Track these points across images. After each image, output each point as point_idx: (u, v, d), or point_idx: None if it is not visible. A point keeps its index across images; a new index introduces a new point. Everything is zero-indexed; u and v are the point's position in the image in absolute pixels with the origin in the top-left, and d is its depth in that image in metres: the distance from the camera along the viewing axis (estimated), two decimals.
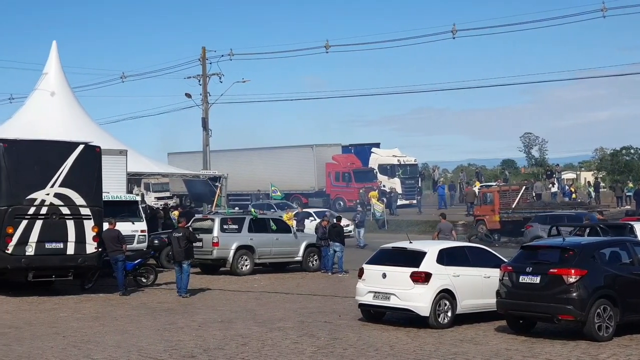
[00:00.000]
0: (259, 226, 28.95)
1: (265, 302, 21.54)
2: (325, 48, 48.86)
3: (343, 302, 20.97)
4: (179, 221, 25.41)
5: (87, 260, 22.47)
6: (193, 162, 53.25)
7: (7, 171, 21.61)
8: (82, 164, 22.56)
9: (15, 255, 21.52)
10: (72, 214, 22.25)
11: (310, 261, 29.78)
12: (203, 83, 49.96)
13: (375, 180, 55.88)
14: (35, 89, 38.77)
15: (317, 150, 57.84)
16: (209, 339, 15.77)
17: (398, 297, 17.20)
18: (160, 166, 42.76)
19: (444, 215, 30.75)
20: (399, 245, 18.97)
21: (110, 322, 18.10)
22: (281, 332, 16.55)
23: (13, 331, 16.66)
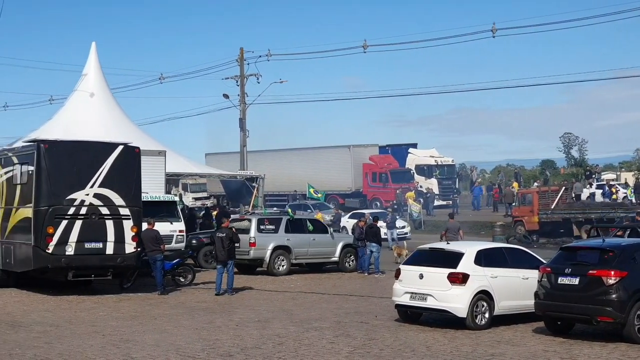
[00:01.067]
0: (295, 226, 29.02)
1: (301, 302, 21.58)
2: (363, 48, 48.84)
3: (380, 303, 20.95)
4: (222, 221, 25.49)
5: (126, 259, 22.66)
6: (230, 162, 53.53)
7: (47, 172, 21.87)
8: (122, 164, 22.75)
9: (55, 254, 21.76)
10: (112, 214, 22.45)
11: (347, 261, 29.77)
12: (241, 84, 50.20)
13: (412, 180, 55.70)
14: (75, 90, 39.19)
15: (354, 150, 57.78)
16: (246, 339, 15.85)
17: (435, 298, 17.14)
18: (198, 167, 43.01)
19: (452, 215, 32.75)
20: (436, 246, 18.93)
21: (149, 321, 18.26)
22: (317, 332, 16.57)
23: (54, 329, 16.86)
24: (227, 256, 23.17)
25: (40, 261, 21.81)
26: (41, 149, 21.93)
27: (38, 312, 19.52)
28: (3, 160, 23.98)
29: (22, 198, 22.52)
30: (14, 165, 23.14)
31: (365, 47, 48.69)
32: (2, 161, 23.99)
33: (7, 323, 17.58)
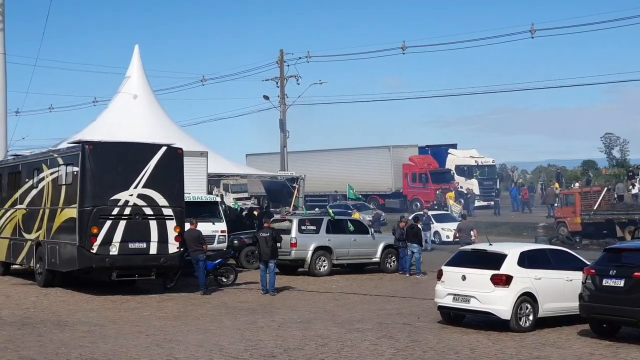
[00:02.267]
0: (336, 227, 29.03)
1: (343, 303, 21.57)
2: (402, 49, 48.71)
3: (422, 304, 20.87)
4: (265, 221, 25.63)
5: (169, 260, 22.83)
6: (271, 163, 53.73)
7: (92, 172, 22.11)
8: (165, 165, 22.93)
9: (99, 254, 21.99)
10: (155, 215, 22.63)
11: (388, 262, 29.71)
12: (281, 85, 50.36)
13: (452, 181, 55.43)
14: (119, 92, 39.60)
15: (394, 151, 57.67)
16: (289, 339, 15.88)
17: (478, 300, 17.04)
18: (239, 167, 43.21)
19: (465, 216, 34.60)
20: (479, 247, 18.82)
21: (192, 321, 18.37)
22: (360, 334, 16.55)
23: (98, 329, 17.03)
24: (270, 255, 23.38)
25: (84, 261, 22.06)
26: (86, 150, 22.18)
27: (83, 311, 19.74)
28: (48, 162, 24.32)
29: (67, 198, 22.80)
30: (59, 166, 23.45)
31: (404, 48, 48.56)
32: (48, 162, 24.33)
33: (53, 322, 17.81)
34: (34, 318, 18.43)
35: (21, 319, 18.31)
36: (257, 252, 24.33)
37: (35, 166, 25.14)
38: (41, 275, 24.12)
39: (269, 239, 23.39)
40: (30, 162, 25.91)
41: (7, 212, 26.91)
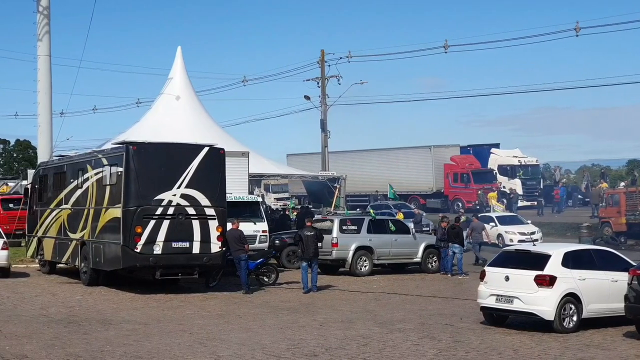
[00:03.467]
0: (377, 227, 28.99)
1: (384, 303, 21.54)
2: (444, 48, 48.56)
3: (464, 305, 20.76)
4: (307, 220, 25.71)
5: (211, 259, 22.99)
6: (312, 163, 53.80)
7: (136, 173, 22.34)
8: (207, 165, 23.09)
9: (143, 253, 22.20)
10: (198, 214, 22.79)
11: (429, 262, 29.60)
12: (322, 85, 50.42)
13: (494, 181, 54.94)
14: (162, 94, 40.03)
15: (435, 151, 57.38)
16: (330, 339, 15.88)
17: (521, 301, 16.90)
18: (280, 167, 43.39)
19: (476, 215, 34.30)
20: (523, 248, 18.72)
21: (235, 319, 18.45)
22: (402, 334, 16.51)
23: (142, 327, 17.18)
24: (314, 254, 23.58)
25: (129, 260, 22.30)
26: (130, 150, 22.41)
27: (127, 310, 19.94)
28: (93, 162, 24.61)
29: (111, 198, 23.06)
30: (104, 167, 23.72)
31: (447, 47, 48.41)
32: (92, 163, 24.63)
33: (98, 320, 18.01)
34: (80, 316, 18.66)
35: (67, 316, 18.54)
36: (300, 250, 24.44)
37: (80, 166, 25.47)
38: (86, 274, 24.44)
39: (312, 238, 23.58)
40: (75, 162, 26.25)
41: (53, 212, 27.29)
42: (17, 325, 17.08)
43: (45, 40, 36.16)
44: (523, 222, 39.72)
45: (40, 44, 36.27)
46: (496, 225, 38.74)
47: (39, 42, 36.31)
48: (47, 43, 36.19)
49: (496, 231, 38.38)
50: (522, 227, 38.74)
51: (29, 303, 20.87)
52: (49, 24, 36.35)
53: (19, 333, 16.16)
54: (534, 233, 38.14)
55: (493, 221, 39.13)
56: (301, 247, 24.18)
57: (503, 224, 39.04)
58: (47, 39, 36.19)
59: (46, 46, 36.16)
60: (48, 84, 36.34)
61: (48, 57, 36.24)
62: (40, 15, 36.32)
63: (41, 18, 36.27)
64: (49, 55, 36.27)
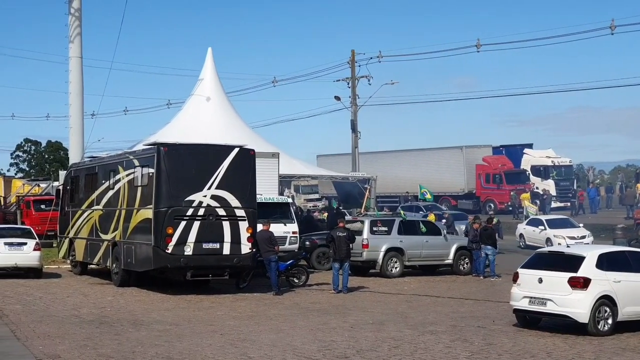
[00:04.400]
0: (408, 228, 28.84)
1: (416, 305, 21.40)
2: (476, 47, 48.24)
3: (496, 307, 20.57)
4: (339, 221, 25.64)
5: (242, 260, 22.97)
6: (342, 164, 53.67)
7: (167, 174, 22.39)
8: (237, 166, 23.09)
9: (174, 254, 22.24)
10: (228, 215, 22.79)
11: (461, 264, 29.39)
12: (352, 86, 50.26)
13: (527, 182, 54.48)
14: (192, 95, 40.15)
15: (466, 151, 57.01)
16: (361, 341, 15.78)
17: (555, 303, 16.69)
18: (310, 168, 43.33)
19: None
20: (556, 249, 18.50)
21: (265, 321, 18.41)
22: (433, 336, 16.37)
23: (174, 328, 17.19)
24: (346, 255, 23.64)
25: (160, 261, 22.35)
26: (161, 152, 22.46)
27: (158, 310, 19.98)
28: (124, 163, 24.71)
29: (143, 199, 23.13)
30: (135, 168, 23.81)
31: (479, 46, 48.07)
32: (124, 164, 24.73)
33: (129, 321, 18.06)
34: (111, 317, 18.72)
35: (99, 317, 18.62)
36: (332, 251, 24.41)
37: (112, 168, 25.59)
38: (117, 274, 24.53)
39: (344, 239, 23.60)
40: (107, 163, 26.39)
41: (84, 213, 27.46)
42: (49, 326, 17.19)
43: (77, 41, 36.42)
44: (574, 225, 38.32)
45: (72, 45, 36.55)
46: (545, 228, 37.56)
47: (71, 44, 36.59)
48: (79, 45, 36.46)
49: (545, 235, 37.22)
50: (572, 231, 37.31)
51: (61, 303, 20.99)
52: (81, 25, 36.62)
53: (52, 333, 16.25)
54: (584, 237, 36.65)
55: (542, 224, 38.05)
56: (333, 248, 24.16)
57: (552, 227, 37.63)
58: (78, 40, 36.45)
59: (78, 48, 36.43)
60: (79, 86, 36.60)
61: (80, 58, 36.50)
62: (72, 17, 36.60)
63: (73, 20, 36.54)
64: (80, 57, 36.54)
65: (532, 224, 38.96)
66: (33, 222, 35.92)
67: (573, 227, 38.13)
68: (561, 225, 38.12)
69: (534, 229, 37.97)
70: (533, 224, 38.66)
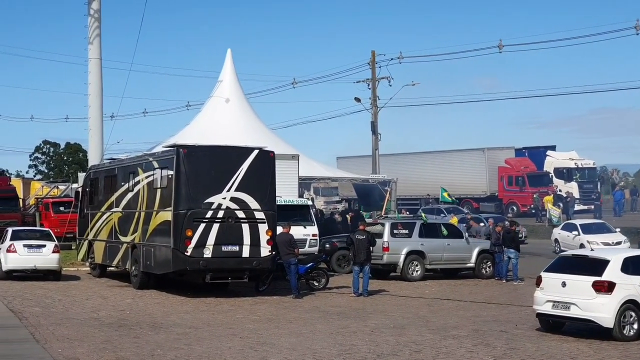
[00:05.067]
0: (429, 231, 28.57)
1: (437, 309, 21.18)
2: (498, 48, 47.93)
3: (519, 311, 20.33)
4: (360, 224, 25.50)
5: (261, 263, 22.85)
6: (362, 166, 53.44)
7: (186, 176, 22.31)
8: (257, 168, 22.97)
9: (194, 257, 22.15)
10: (247, 218, 22.68)
11: (483, 268, 29.09)
12: (372, 87, 50.02)
13: (550, 184, 54.03)
14: (211, 96, 40.08)
15: (488, 153, 56.66)
16: (382, 345, 15.61)
17: (579, 307, 16.43)
18: (330, 170, 43.12)
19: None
20: (580, 253, 18.23)
21: (285, 324, 18.29)
22: (455, 341, 16.16)
23: (193, 331, 17.11)
24: (365, 258, 23.46)
25: (179, 263, 22.27)
26: (180, 154, 22.39)
27: (177, 313, 19.91)
28: (144, 165, 24.67)
29: (162, 202, 23.07)
30: (154, 170, 23.76)
31: (501, 47, 47.73)
32: (143, 166, 24.69)
33: (149, 324, 17.99)
34: (130, 319, 18.67)
35: (118, 320, 18.57)
36: (352, 254, 24.24)
37: (131, 170, 25.56)
38: (136, 277, 24.49)
39: (364, 242, 23.43)
40: (126, 165, 26.36)
41: (104, 215, 27.45)
42: (68, 328, 17.16)
43: (96, 43, 36.41)
44: (610, 230, 36.62)
45: (91, 47, 36.54)
46: (579, 233, 36.13)
47: (90, 45, 36.58)
48: (98, 46, 36.46)
49: (579, 240, 35.61)
50: (607, 236, 35.54)
51: (80, 306, 20.97)
52: (100, 27, 36.60)
53: (71, 336, 16.22)
54: (620, 243, 34.80)
55: (576, 229, 36.75)
56: (353, 251, 23.99)
57: (587, 233, 35.95)
58: (97, 42, 36.44)
59: (97, 49, 36.42)
60: (99, 87, 36.59)
61: (99, 60, 36.50)
62: (91, 18, 36.62)
63: (92, 21, 36.55)
64: (99, 59, 36.53)
65: (567, 229, 37.65)
66: (52, 224, 36.03)
67: (609, 232, 36.43)
68: (597, 231, 36.43)
69: (569, 233, 36.82)
70: (568, 229, 37.54)
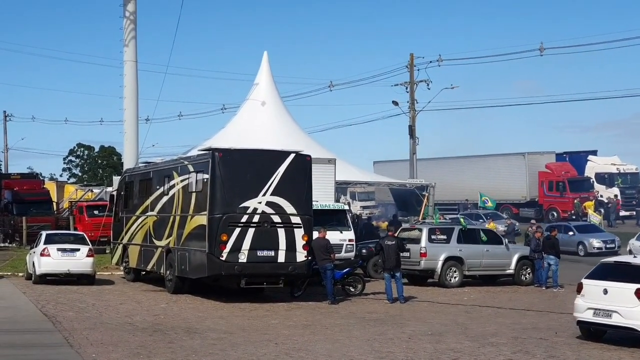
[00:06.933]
0: (468, 237, 28.18)
1: (476, 316, 20.83)
2: (539, 51, 47.45)
3: (559, 319, 19.93)
4: (389, 230, 25.28)
5: (297, 268, 22.64)
6: (399, 170, 53.09)
7: (222, 180, 22.17)
8: (293, 172, 22.77)
9: (229, 262, 22.00)
10: (283, 223, 22.48)
11: (522, 274, 28.60)
12: (410, 90, 49.71)
13: (591, 189, 53.29)
14: (247, 99, 40.05)
15: (529, 158, 56.11)
16: (420, 352, 15.34)
17: (621, 315, 16.03)
18: (367, 175, 42.89)
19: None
20: (622, 260, 17.81)
21: (321, 330, 18.07)
22: (494, 348, 15.85)
23: (228, 336, 16.97)
24: (396, 264, 23.34)
25: (214, 268, 22.14)
26: (216, 157, 22.26)
27: (212, 318, 19.78)
28: (179, 169, 24.60)
29: (197, 205, 22.96)
30: (190, 174, 23.66)
31: (542, 50, 47.28)
32: (179, 169, 24.62)
33: (183, 329, 17.87)
34: (165, 324, 18.57)
35: (152, 325, 18.48)
36: (382, 260, 24.06)
37: (166, 173, 25.50)
38: (171, 282, 24.41)
39: (394, 248, 23.27)
40: (161, 169, 26.32)
41: (139, 219, 27.44)
42: (102, 333, 17.09)
43: (132, 45, 36.50)
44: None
45: (127, 49, 36.64)
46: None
47: (125, 48, 36.70)
48: (134, 48, 36.54)
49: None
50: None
51: (114, 311, 20.91)
52: (136, 29, 36.69)
53: (105, 341, 16.16)
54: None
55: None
56: (382, 257, 23.80)
57: None
58: (133, 44, 36.52)
59: (132, 51, 36.51)
60: (134, 90, 36.66)
61: (134, 62, 36.59)
62: (126, 20, 36.74)
63: (127, 23, 36.66)
64: (135, 61, 36.61)
65: None
66: (86, 227, 36.19)
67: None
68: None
69: None
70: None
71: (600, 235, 38.86)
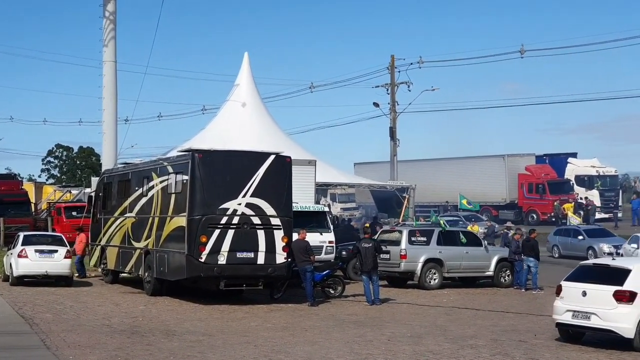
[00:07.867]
0: (448, 239, 28.19)
1: (455, 318, 20.85)
2: (520, 53, 47.61)
3: (538, 321, 19.98)
4: (365, 231, 25.32)
5: (276, 270, 22.57)
6: (380, 172, 53.12)
7: (201, 181, 22.07)
8: (273, 174, 22.71)
9: (208, 263, 21.90)
10: (263, 224, 22.42)
11: (502, 276, 28.66)
12: (391, 92, 49.76)
13: (571, 192, 53.53)
14: (227, 100, 39.94)
15: (509, 160, 56.25)
16: (399, 354, 15.34)
17: (599, 317, 16.11)
18: (347, 176, 42.87)
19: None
20: (601, 262, 17.87)
21: (300, 332, 18.04)
22: (473, 350, 15.88)
23: (206, 339, 16.89)
24: (373, 266, 23.30)
25: (193, 270, 22.02)
26: (195, 158, 22.16)
27: (191, 320, 19.68)
28: (158, 170, 24.47)
29: (176, 207, 22.84)
30: (169, 175, 23.53)
31: (523, 52, 47.46)
32: (158, 170, 24.48)
33: (162, 331, 17.78)
34: (143, 327, 18.47)
35: (130, 327, 18.37)
36: (359, 263, 24.09)
37: (145, 174, 25.34)
38: (149, 283, 24.26)
39: (371, 250, 23.27)
40: (140, 170, 26.15)
41: (117, 221, 27.24)
42: (80, 335, 16.98)
43: (111, 45, 36.33)
44: None
45: (106, 49, 36.48)
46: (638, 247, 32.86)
47: (105, 48, 36.53)
48: (113, 49, 36.37)
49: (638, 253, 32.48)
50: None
51: (92, 313, 20.77)
52: (115, 29, 36.53)
53: (83, 343, 16.06)
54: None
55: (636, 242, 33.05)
56: (359, 260, 23.78)
57: None
58: (112, 44, 36.35)
59: (112, 52, 36.34)
60: (113, 91, 36.49)
61: (114, 62, 36.42)
62: (106, 20, 36.57)
63: (107, 23, 36.49)
64: (114, 61, 36.45)
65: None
66: (64, 229, 35.86)
67: None
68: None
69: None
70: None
71: (610, 240, 37.11)
